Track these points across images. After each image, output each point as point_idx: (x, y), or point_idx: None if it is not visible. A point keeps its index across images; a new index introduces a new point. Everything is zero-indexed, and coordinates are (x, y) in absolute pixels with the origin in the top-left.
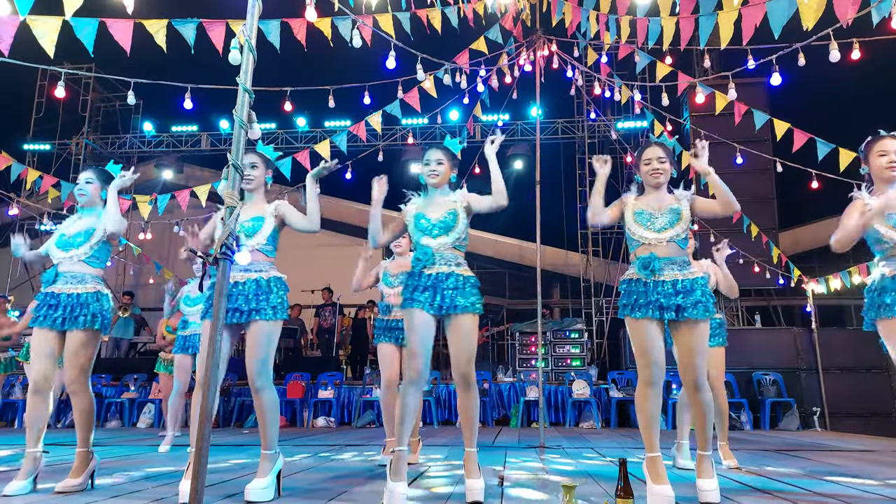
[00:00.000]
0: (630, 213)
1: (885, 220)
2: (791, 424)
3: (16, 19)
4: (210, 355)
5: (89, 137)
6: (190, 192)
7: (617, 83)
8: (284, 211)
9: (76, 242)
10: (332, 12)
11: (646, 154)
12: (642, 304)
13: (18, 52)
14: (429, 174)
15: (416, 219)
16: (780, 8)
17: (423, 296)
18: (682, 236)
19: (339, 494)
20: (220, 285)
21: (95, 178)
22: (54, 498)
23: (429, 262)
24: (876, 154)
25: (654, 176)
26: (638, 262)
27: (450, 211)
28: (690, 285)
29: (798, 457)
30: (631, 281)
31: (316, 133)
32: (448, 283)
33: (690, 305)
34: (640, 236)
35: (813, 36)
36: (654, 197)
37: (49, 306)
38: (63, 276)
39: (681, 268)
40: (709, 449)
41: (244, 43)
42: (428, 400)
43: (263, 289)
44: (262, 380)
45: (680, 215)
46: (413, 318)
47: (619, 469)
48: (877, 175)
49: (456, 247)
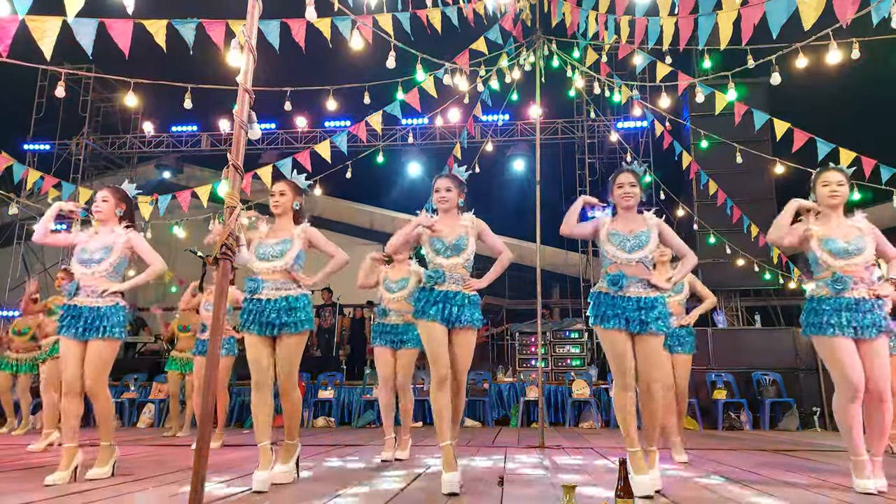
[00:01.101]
0: (605, 233)
1: (823, 245)
2: (791, 424)
3: (16, 19)
4: (211, 355)
5: (89, 137)
6: (191, 192)
7: (617, 83)
8: (312, 235)
9: (96, 259)
10: (332, 12)
11: (619, 179)
12: (611, 315)
13: (18, 52)
14: (438, 201)
15: (431, 241)
16: (780, 8)
17: (433, 308)
18: (650, 258)
19: (340, 494)
20: (219, 286)
21: (111, 196)
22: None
23: (440, 280)
24: (820, 184)
25: (626, 199)
26: (608, 277)
27: (461, 235)
28: (652, 303)
29: (798, 457)
30: (600, 294)
31: (316, 133)
32: (456, 300)
33: (652, 321)
34: (613, 255)
35: (813, 36)
36: (626, 219)
37: (72, 317)
38: (84, 289)
39: (645, 286)
40: (653, 445)
41: (244, 43)
42: (427, 400)
43: (292, 305)
44: (293, 384)
45: (649, 238)
46: (430, 329)
47: (619, 469)
48: (821, 202)
49: (465, 267)
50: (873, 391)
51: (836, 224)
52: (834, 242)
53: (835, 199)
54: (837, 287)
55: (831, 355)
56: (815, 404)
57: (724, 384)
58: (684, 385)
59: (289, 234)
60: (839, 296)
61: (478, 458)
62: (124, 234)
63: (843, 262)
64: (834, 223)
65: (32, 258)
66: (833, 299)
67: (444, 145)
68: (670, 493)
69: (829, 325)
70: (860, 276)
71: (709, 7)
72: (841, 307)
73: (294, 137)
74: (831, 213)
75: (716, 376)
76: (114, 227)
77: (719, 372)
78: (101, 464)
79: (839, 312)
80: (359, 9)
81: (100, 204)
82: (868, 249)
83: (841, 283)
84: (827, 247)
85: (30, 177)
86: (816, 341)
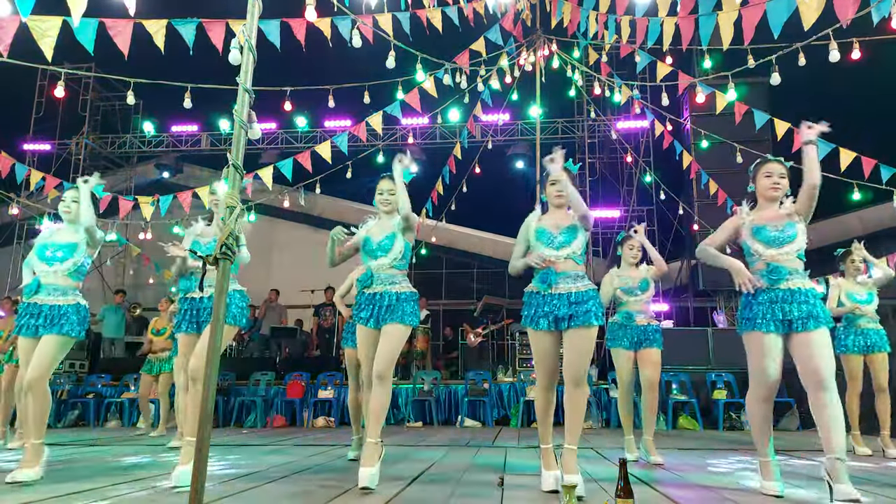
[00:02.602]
0: (532, 232)
1: (754, 235)
2: (791, 424)
3: (16, 20)
4: (211, 353)
5: (89, 137)
6: (192, 192)
7: (617, 83)
8: None
9: (60, 258)
10: (332, 12)
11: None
12: (541, 315)
13: (18, 52)
14: (381, 203)
15: (364, 242)
16: (780, 8)
17: (364, 312)
18: (579, 253)
19: (340, 494)
20: (219, 285)
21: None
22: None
23: (368, 283)
24: (763, 175)
25: (774, 190)
26: (538, 276)
27: (389, 234)
28: (583, 297)
29: (798, 457)
30: (532, 293)
31: (316, 133)
32: (384, 302)
33: (582, 314)
34: (761, 253)
35: (813, 36)
36: (554, 216)
37: (31, 315)
38: (45, 287)
39: (574, 281)
40: (575, 444)
41: (244, 43)
42: (427, 400)
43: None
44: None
45: (576, 233)
46: (360, 334)
47: (619, 469)
48: (761, 194)
49: (394, 266)
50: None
51: (771, 213)
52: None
53: (776, 189)
54: (773, 278)
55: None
56: None
57: (724, 384)
58: (657, 380)
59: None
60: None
61: (478, 457)
62: (84, 234)
63: (774, 250)
64: (767, 213)
65: None
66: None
67: (444, 145)
68: (669, 492)
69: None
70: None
71: (709, 7)
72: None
73: (294, 137)
74: (767, 204)
75: (716, 376)
76: (79, 228)
77: (719, 372)
78: (31, 464)
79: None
80: (359, 9)
81: (70, 204)
82: (800, 238)
83: (776, 273)
84: (759, 236)
85: (32, 177)
86: (746, 338)
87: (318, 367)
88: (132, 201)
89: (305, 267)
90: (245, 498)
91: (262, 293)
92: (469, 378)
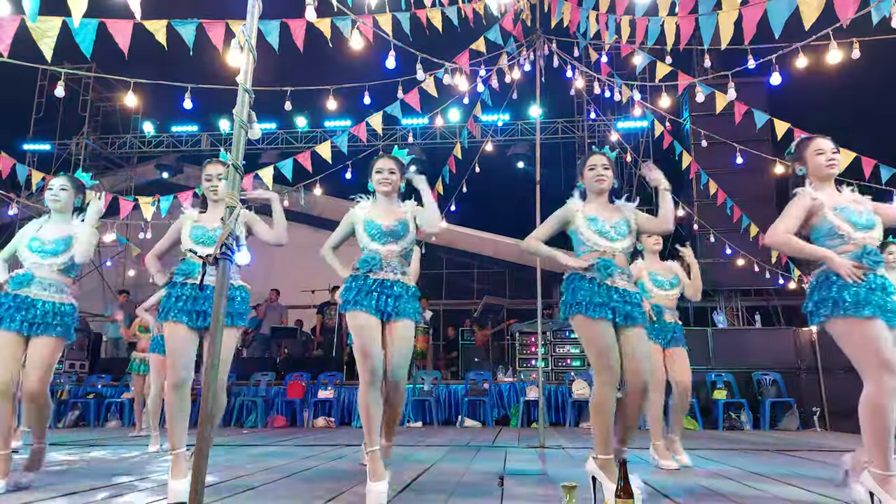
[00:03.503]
0: (582, 219)
1: (837, 213)
2: (791, 424)
3: (16, 20)
4: (211, 354)
5: (89, 137)
6: (193, 192)
7: (617, 83)
8: (250, 218)
9: (55, 250)
10: (332, 12)
11: (591, 161)
12: (596, 304)
13: (18, 52)
14: (380, 182)
15: (366, 224)
16: (780, 7)
17: (366, 299)
18: (630, 249)
19: (340, 494)
20: (219, 285)
21: (70, 186)
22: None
23: (376, 268)
24: (814, 153)
25: (599, 182)
26: (600, 263)
27: (401, 220)
28: (637, 297)
29: (798, 457)
30: (582, 279)
31: (316, 133)
32: (394, 290)
33: (639, 315)
34: (595, 243)
35: (813, 36)
36: (601, 203)
37: (18, 308)
38: (39, 281)
39: (629, 279)
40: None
41: (244, 43)
42: (427, 400)
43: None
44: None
45: (629, 227)
46: (361, 320)
47: (619, 469)
48: (815, 173)
49: (403, 255)
50: None
51: (837, 194)
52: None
53: (833, 166)
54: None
55: None
56: (815, 404)
57: (724, 384)
58: (688, 381)
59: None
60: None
61: (478, 458)
62: (79, 226)
63: (862, 234)
64: (835, 193)
65: None
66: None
67: (444, 145)
68: (670, 492)
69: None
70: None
71: (709, 7)
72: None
73: (294, 137)
74: (823, 184)
75: (716, 376)
76: (69, 219)
77: (719, 372)
78: (34, 467)
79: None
80: (359, 9)
81: (58, 193)
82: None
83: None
84: (843, 214)
85: (33, 177)
86: (837, 324)
87: (318, 368)
88: (132, 201)
89: (305, 267)
90: (245, 498)
91: (262, 293)
92: (469, 378)
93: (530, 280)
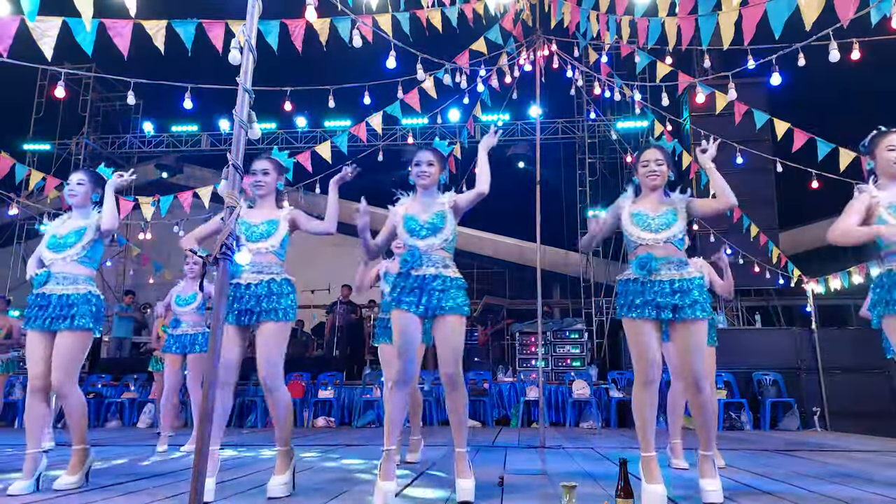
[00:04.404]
0: (627, 215)
1: (893, 213)
2: (791, 424)
3: (16, 20)
4: (212, 354)
5: (89, 137)
6: (193, 192)
7: (617, 83)
8: (296, 216)
9: (68, 243)
10: (332, 12)
11: (644, 156)
12: (639, 303)
13: (18, 52)
14: (419, 175)
15: (405, 220)
16: (780, 8)
17: (409, 296)
18: (679, 237)
19: (339, 494)
20: (219, 284)
21: (87, 180)
22: (53, 496)
23: (416, 264)
24: (884, 148)
25: (651, 178)
26: (635, 261)
27: (438, 213)
28: (687, 285)
29: (798, 457)
30: (628, 281)
31: (316, 133)
32: (435, 285)
33: (687, 305)
34: (638, 237)
35: (813, 36)
36: (651, 199)
37: (39, 307)
38: (55, 276)
39: (678, 267)
40: (710, 449)
41: (244, 43)
42: (428, 400)
43: (275, 291)
44: (276, 379)
45: (677, 216)
46: (402, 321)
47: (620, 469)
48: (883, 170)
49: (444, 248)
50: None
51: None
52: None
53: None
54: None
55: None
56: (815, 404)
57: (724, 384)
58: (712, 381)
59: (275, 215)
60: None
61: (478, 457)
62: (98, 216)
63: None
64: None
65: None
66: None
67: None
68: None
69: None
70: None
71: (709, 7)
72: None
73: (294, 137)
74: (891, 182)
75: (716, 376)
76: (88, 212)
77: (719, 372)
78: (73, 471)
79: None
80: (359, 9)
81: (75, 188)
82: None
83: None
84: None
85: (32, 177)
86: (892, 322)
87: (318, 368)
88: (132, 201)
89: (306, 267)
90: (245, 498)
91: None
92: (469, 378)
93: (530, 280)
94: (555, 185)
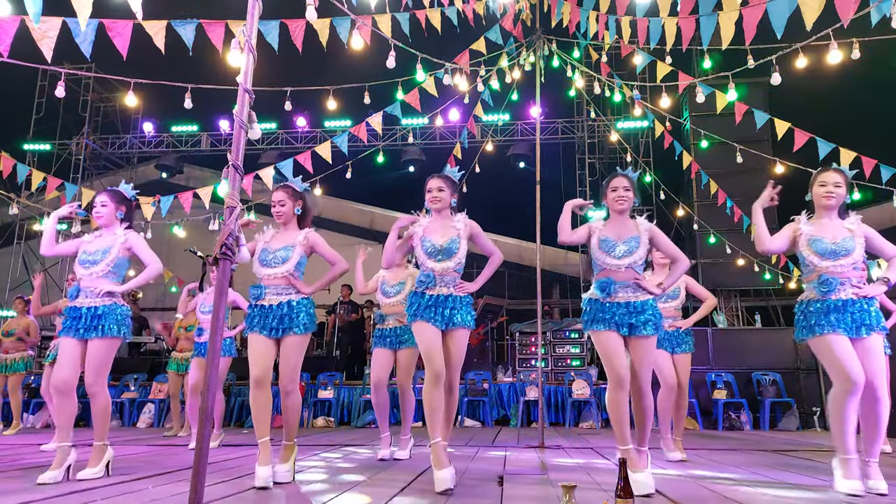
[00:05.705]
0: (596, 241)
1: (810, 246)
2: (791, 424)
3: (16, 20)
4: (211, 354)
5: (89, 137)
6: (193, 193)
7: (617, 83)
8: (315, 243)
9: (95, 260)
10: (332, 12)
11: (613, 183)
12: (600, 318)
13: (18, 52)
14: (431, 201)
15: (422, 242)
16: (781, 8)
17: (426, 312)
18: (640, 263)
19: (340, 494)
20: (219, 285)
21: (109, 200)
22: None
23: (431, 284)
24: (817, 184)
25: (619, 203)
26: (598, 284)
27: (453, 238)
28: (641, 306)
29: (798, 457)
30: (592, 300)
31: (316, 133)
32: (448, 303)
33: (641, 324)
34: (603, 262)
35: (813, 36)
36: (618, 222)
37: (73, 318)
38: (84, 290)
39: (634, 290)
40: (646, 445)
41: (244, 43)
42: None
43: (295, 308)
44: (293, 384)
45: (639, 243)
46: (423, 328)
47: (619, 469)
48: (816, 202)
49: (456, 270)
50: (868, 388)
51: (828, 225)
52: (821, 242)
53: (830, 199)
54: (823, 290)
55: (829, 353)
56: (815, 404)
57: (724, 384)
58: (685, 384)
59: (291, 241)
60: (825, 298)
61: (478, 457)
62: (123, 236)
63: (829, 262)
64: (825, 224)
65: (32, 258)
66: (820, 302)
67: (444, 145)
68: (670, 492)
69: (819, 326)
70: (847, 276)
71: (709, 7)
72: (829, 309)
73: (294, 137)
74: (822, 213)
75: (716, 376)
76: (115, 230)
77: (719, 372)
78: (93, 464)
79: (827, 314)
80: (359, 9)
81: (99, 209)
82: (857, 251)
83: (827, 284)
84: (815, 247)
85: (33, 178)
86: (812, 344)
87: (318, 368)
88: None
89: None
90: (246, 498)
91: None
92: (469, 378)
93: (530, 280)
94: (554, 186)
